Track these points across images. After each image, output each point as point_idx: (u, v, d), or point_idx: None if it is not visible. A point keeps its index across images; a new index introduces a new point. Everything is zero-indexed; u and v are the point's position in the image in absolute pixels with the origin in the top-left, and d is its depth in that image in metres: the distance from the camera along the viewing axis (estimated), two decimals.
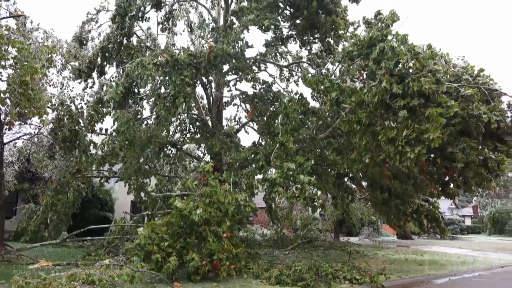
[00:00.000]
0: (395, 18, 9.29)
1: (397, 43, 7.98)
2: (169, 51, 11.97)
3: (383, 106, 8.15)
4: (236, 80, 14.74)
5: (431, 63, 7.57)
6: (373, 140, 8.70)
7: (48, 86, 11.53)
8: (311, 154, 11.64)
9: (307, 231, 21.26)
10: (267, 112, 13.03)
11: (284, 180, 8.85)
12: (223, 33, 12.73)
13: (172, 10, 15.20)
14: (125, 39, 12.91)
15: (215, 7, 16.60)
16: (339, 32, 12.24)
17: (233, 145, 13.19)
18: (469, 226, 45.61)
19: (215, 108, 14.64)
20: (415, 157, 7.39)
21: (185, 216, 8.04)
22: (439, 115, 7.17)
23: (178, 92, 10.34)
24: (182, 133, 15.34)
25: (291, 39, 13.76)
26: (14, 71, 8.47)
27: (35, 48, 9.29)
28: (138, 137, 11.82)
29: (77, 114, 11.37)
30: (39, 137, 13.51)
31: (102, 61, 13.18)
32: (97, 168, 13.47)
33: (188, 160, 18.13)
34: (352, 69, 9.88)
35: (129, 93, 11.48)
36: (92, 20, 13.65)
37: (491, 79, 8.72)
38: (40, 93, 8.64)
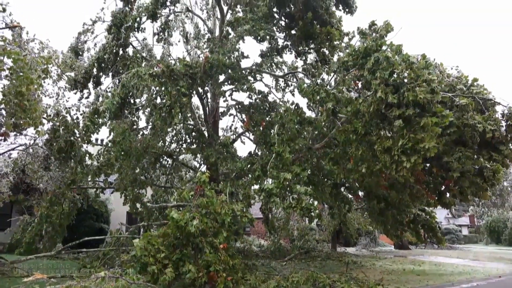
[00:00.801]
0: (389, 28, 9.36)
1: (391, 53, 8.04)
2: (165, 62, 12.00)
3: (379, 115, 8.18)
4: (232, 90, 14.78)
5: (426, 73, 7.62)
6: (369, 150, 8.72)
7: (43, 96, 11.51)
8: (308, 164, 11.65)
9: (304, 241, 21.20)
10: (263, 122, 13.05)
11: (281, 190, 8.83)
12: (219, 43, 12.81)
13: (168, 21, 15.28)
14: (121, 49, 12.94)
15: (210, 18, 16.72)
16: (334, 43, 12.31)
17: (229, 155, 13.16)
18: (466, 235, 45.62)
19: (211, 118, 14.65)
20: (411, 166, 7.39)
21: (181, 227, 7.97)
22: (435, 124, 7.20)
23: (174, 103, 10.34)
24: (178, 144, 15.32)
25: (286, 50, 13.84)
26: (10, 82, 8.44)
27: (31, 59, 9.27)
28: (134, 148, 11.78)
29: (72, 125, 11.34)
30: (34, 148, 13.44)
31: (98, 72, 13.19)
32: (92, 179, 13.39)
33: (184, 170, 18.08)
34: (348, 79, 9.93)
35: (125, 104, 11.48)
36: (88, 31, 13.67)
37: (485, 89, 8.79)
38: (35, 103, 8.61)
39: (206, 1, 16.84)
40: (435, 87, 7.46)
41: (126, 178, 12.95)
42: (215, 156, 12.36)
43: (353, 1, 12.47)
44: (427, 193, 10.34)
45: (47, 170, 13.14)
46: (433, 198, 10.19)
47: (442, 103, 8.16)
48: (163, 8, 13.53)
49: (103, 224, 19.78)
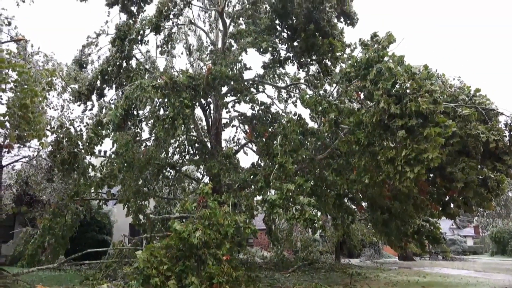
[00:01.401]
0: (391, 40, 9.40)
1: (393, 64, 8.07)
2: (168, 74, 12.07)
3: (382, 126, 8.18)
4: (234, 101, 14.83)
5: (428, 84, 7.64)
6: (372, 160, 8.70)
7: (48, 108, 11.60)
8: (311, 175, 11.62)
9: (308, 253, 21.04)
10: (266, 133, 13.06)
11: (284, 202, 8.80)
12: (222, 55, 12.89)
13: (171, 33, 15.40)
14: (124, 62, 13.04)
15: (213, 30, 16.86)
16: (336, 54, 12.37)
17: (232, 166, 13.16)
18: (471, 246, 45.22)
19: (214, 130, 14.68)
20: (414, 177, 7.37)
21: (184, 238, 7.94)
22: (438, 134, 7.20)
23: (177, 114, 10.38)
24: (181, 155, 15.33)
25: (288, 61, 13.91)
26: (14, 95, 8.51)
27: (35, 72, 9.36)
28: (137, 159, 11.80)
29: (76, 137, 11.39)
30: (37, 159, 13.50)
31: (102, 84, 13.27)
32: (95, 190, 13.39)
33: (187, 182, 18.07)
34: (350, 90, 9.96)
35: (128, 115, 11.52)
36: (92, 43, 13.79)
37: (488, 99, 8.79)
38: (40, 116, 8.67)
39: (208, 13, 17.01)
40: (437, 98, 7.47)
41: (129, 190, 12.94)
42: (218, 167, 12.36)
43: (354, 13, 12.57)
44: (431, 204, 10.29)
45: (50, 181, 13.17)
46: (437, 208, 10.13)
47: (445, 114, 8.16)
48: (166, 21, 13.64)
49: (106, 236, 19.74)
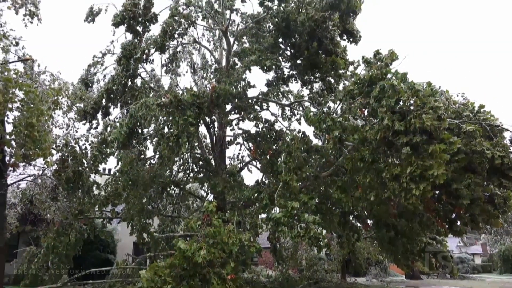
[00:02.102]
0: (394, 57, 9.46)
1: (397, 81, 8.09)
2: (172, 92, 12.17)
3: (386, 143, 8.16)
4: (238, 119, 14.88)
5: (432, 100, 7.64)
6: (377, 178, 8.65)
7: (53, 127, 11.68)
8: (315, 193, 11.56)
9: (313, 271, 20.78)
10: (270, 150, 13.06)
11: (289, 219, 8.74)
12: (226, 73, 13.01)
13: (175, 52, 15.60)
14: (129, 80, 13.16)
15: (217, 49, 17.04)
16: (340, 72, 12.45)
17: (236, 184, 13.12)
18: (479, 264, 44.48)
19: (218, 147, 14.70)
20: (420, 194, 7.31)
21: (189, 257, 7.87)
22: (443, 151, 7.16)
23: (181, 132, 10.42)
24: (185, 173, 15.32)
25: (292, 79, 14.01)
26: (21, 113, 8.59)
27: (41, 91, 9.46)
28: (141, 177, 11.81)
29: (81, 155, 11.43)
30: (42, 178, 13.52)
31: (107, 102, 13.38)
32: (100, 209, 13.37)
33: (191, 199, 18.01)
34: (354, 107, 9.98)
35: (133, 134, 11.58)
36: (98, 63, 13.97)
37: (492, 115, 8.77)
38: (45, 134, 8.73)
39: (213, 32, 17.22)
40: (441, 114, 7.46)
41: (133, 208, 12.92)
42: (222, 185, 12.33)
43: (357, 30, 12.68)
44: (437, 221, 10.18)
45: (54, 200, 13.17)
46: (443, 226, 10.02)
47: (450, 130, 8.14)
48: (171, 40, 13.82)
49: (110, 255, 19.63)
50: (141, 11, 12.67)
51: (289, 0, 12.34)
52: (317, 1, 11.51)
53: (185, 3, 13.69)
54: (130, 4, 12.49)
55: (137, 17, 12.61)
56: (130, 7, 12.42)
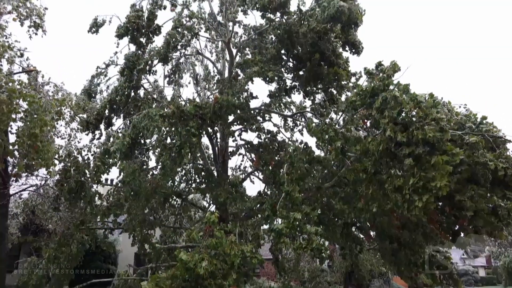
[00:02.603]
0: (396, 68, 9.47)
1: (399, 93, 8.11)
2: (175, 103, 12.22)
3: (388, 154, 8.15)
4: (241, 130, 14.91)
5: (434, 112, 7.65)
6: (380, 189, 8.62)
7: (56, 138, 11.73)
8: (318, 204, 11.52)
9: (316, 283, 20.62)
10: (272, 161, 13.05)
11: (291, 231, 8.69)
12: (228, 84, 13.06)
13: (178, 63, 15.71)
14: (132, 91, 13.23)
15: (220, 60, 17.14)
16: (342, 83, 12.49)
17: (238, 195, 13.09)
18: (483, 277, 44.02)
19: (220, 158, 14.70)
20: (423, 205, 7.28)
21: (190, 269, 7.83)
22: (445, 162, 7.15)
23: (183, 143, 10.44)
24: (187, 183, 15.30)
25: (294, 90, 14.05)
26: (24, 124, 8.65)
27: (45, 102, 9.53)
28: (143, 188, 11.80)
29: (83, 165, 11.46)
30: (45, 188, 13.54)
31: (110, 113, 13.44)
32: (101, 219, 13.35)
33: (193, 210, 17.97)
34: (356, 118, 9.99)
35: (135, 144, 11.61)
36: (101, 73, 14.07)
37: (495, 127, 8.75)
38: (48, 145, 8.78)
39: (215, 44, 17.33)
40: (444, 126, 7.46)
41: (135, 219, 12.89)
42: (224, 196, 12.31)
43: (359, 42, 12.73)
44: (441, 233, 10.11)
45: (56, 210, 13.16)
46: (447, 238, 9.94)
47: (452, 141, 8.12)
48: (174, 52, 13.93)
49: (111, 266, 19.55)
50: (144, 23, 12.79)
51: (291, 12, 12.43)
52: (318, 13, 11.58)
53: (188, 15, 13.81)
54: (134, 16, 12.61)
55: (140, 29, 12.72)
56: (134, 19, 12.54)
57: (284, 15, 12.54)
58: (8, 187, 11.26)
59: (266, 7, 12.29)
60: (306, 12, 12.13)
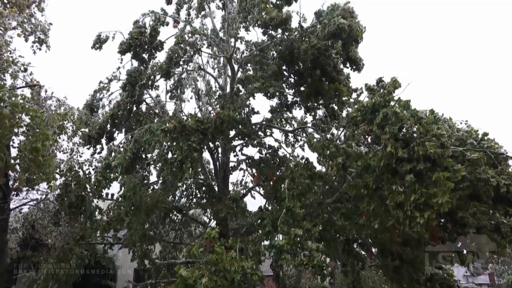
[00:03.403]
0: (396, 85, 9.53)
1: (400, 109, 8.14)
2: (177, 118, 12.28)
3: (390, 170, 8.13)
4: (242, 145, 14.91)
5: (435, 128, 7.66)
6: (381, 205, 8.58)
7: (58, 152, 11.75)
8: (319, 220, 11.46)
9: None
10: (273, 176, 13.02)
11: (292, 247, 8.62)
12: (230, 100, 13.13)
13: (180, 78, 15.82)
14: (134, 106, 13.32)
15: (222, 75, 17.26)
16: (343, 99, 12.54)
17: (239, 210, 13.03)
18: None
19: (221, 173, 14.69)
20: (425, 222, 7.23)
21: (190, 285, 7.76)
22: (447, 179, 7.12)
23: (185, 158, 10.44)
24: (188, 198, 15.26)
25: (296, 105, 14.12)
26: (26, 138, 8.68)
27: (47, 116, 9.58)
28: (144, 203, 11.76)
29: (84, 180, 11.45)
30: (45, 203, 13.50)
31: (112, 128, 13.49)
32: (101, 234, 13.27)
33: (194, 225, 17.87)
34: (357, 134, 10.00)
35: (136, 159, 11.62)
36: (104, 88, 14.16)
37: (496, 143, 8.76)
38: (50, 159, 8.79)
39: (217, 60, 17.48)
40: (445, 142, 7.46)
41: (135, 234, 12.81)
42: (225, 211, 12.26)
43: (360, 58, 12.83)
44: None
45: (56, 225, 13.10)
46: (449, 255, 9.85)
47: (454, 158, 8.12)
48: (176, 67, 14.05)
49: (110, 282, 19.34)
50: (147, 39, 12.94)
51: (292, 29, 12.56)
52: (319, 30, 11.70)
53: (190, 32, 13.97)
54: (136, 32, 12.77)
55: (143, 45, 12.87)
56: (136, 35, 12.70)
57: (286, 31, 12.68)
58: (8, 201, 11.23)
59: (267, 24, 12.44)
60: (307, 29, 12.25)
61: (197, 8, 14.86)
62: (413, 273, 12.15)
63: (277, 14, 12.07)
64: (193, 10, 15.26)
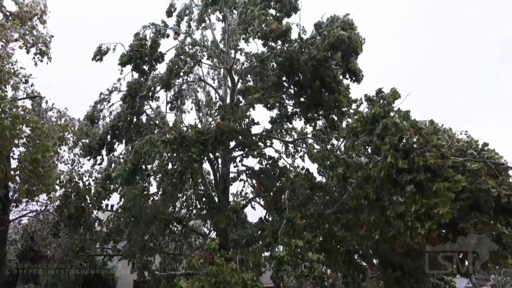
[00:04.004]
0: (396, 95, 9.58)
1: (399, 119, 8.16)
2: (177, 129, 12.29)
3: (390, 181, 8.13)
4: (242, 156, 14.91)
5: (435, 138, 7.68)
6: (382, 216, 8.56)
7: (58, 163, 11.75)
8: (319, 231, 11.41)
9: None
10: (274, 187, 13.00)
11: (292, 258, 8.58)
12: (230, 110, 13.16)
13: (181, 90, 15.90)
14: (135, 117, 13.35)
15: (222, 86, 17.34)
16: (343, 109, 12.57)
17: (239, 221, 12.98)
18: None
19: (221, 184, 14.66)
20: (425, 233, 7.21)
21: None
22: (447, 189, 7.12)
23: (185, 168, 10.44)
24: (188, 209, 15.21)
25: (295, 116, 14.14)
26: (26, 149, 8.69)
27: (48, 127, 9.59)
28: (144, 214, 11.73)
29: (84, 191, 11.43)
30: (45, 214, 13.45)
31: (112, 139, 13.50)
32: (101, 246, 13.20)
33: (194, 237, 17.77)
34: (357, 144, 10.02)
35: (137, 170, 11.61)
36: (104, 100, 14.21)
37: (496, 153, 8.75)
38: (50, 170, 8.79)
39: (218, 71, 17.57)
40: (445, 152, 7.47)
41: (135, 245, 12.75)
42: (225, 222, 12.21)
43: (359, 70, 12.89)
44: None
45: (56, 237, 13.04)
46: (451, 266, 9.78)
47: (454, 168, 8.11)
48: (176, 78, 14.12)
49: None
50: (147, 51, 13.02)
51: (292, 41, 12.65)
52: (319, 42, 11.78)
53: (191, 43, 14.07)
54: (137, 44, 12.86)
55: (143, 57, 12.94)
56: (137, 47, 12.78)
57: (285, 43, 12.76)
58: (8, 213, 11.20)
59: (267, 36, 12.52)
60: (306, 40, 12.33)
61: (197, 20, 14.98)
62: (415, 284, 12.06)
63: (277, 26, 12.15)
64: (193, 22, 15.40)
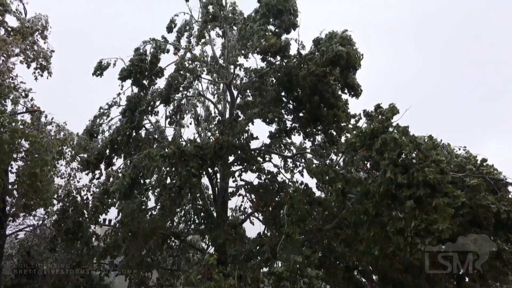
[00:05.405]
0: (394, 111, 9.61)
1: (398, 135, 8.18)
2: (176, 143, 12.30)
3: (389, 196, 8.11)
4: (241, 170, 14.87)
5: (434, 154, 7.68)
6: (382, 231, 8.51)
7: (56, 177, 11.71)
8: (318, 246, 11.34)
9: None
10: (273, 202, 12.94)
11: (291, 274, 8.51)
12: (229, 125, 13.19)
13: (180, 104, 15.92)
14: (134, 131, 13.34)
15: (221, 101, 17.39)
16: (341, 124, 12.60)
17: (238, 236, 12.88)
18: None
19: (220, 199, 14.59)
20: (425, 248, 7.16)
21: None
22: (447, 205, 7.10)
23: (183, 183, 10.41)
24: (186, 224, 15.10)
25: (294, 131, 14.16)
26: (25, 163, 8.67)
27: (47, 141, 9.59)
28: (141, 228, 11.65)
29: (82, 205, 11.36)
30: (42, 228, 13.35)
31: (111, 153, 13.46)
32: (98, 261, 13.06)
33: (192, 252, 17.61)
34: (356, 159, 10.02)
35: (135, 184, 11.56)
36: (103, 114, 14.22)
37: (495, 169, 8.76)
38: (48, 184, 8.77)
39: (217, 86, 17.64)
40: (444, 167, 7.47)
41: (132, 260, 12.64)
42: (223, 237, 12.11)
43: (358, 85, 12.95)
44: (445, 278, 9.87)
45: (53, 251, 12.92)
46: (451, 282, 9.70)
47: (453, 184, 8.11)
48: (176, 93, 14.16)
49: None
50: (147, 66, 13.09)
51: (291, 56, 12.74)
52: (318, 57, 11.85)
53: (190, 58, 14.16)
54: (137, 59, 12.93)
55: (143, 71, 13.00)
56: (137, 62, 12.85)
57: (284, 58, 12.86)
58: (4, 227, 11.11)
59: (266, 50, 12.62)
60: (305, 56, 12.43)
61: (197, 35, 15.08)
62: None
63: (276, 41, 12.26)
64: (193, 37, 15.50)
